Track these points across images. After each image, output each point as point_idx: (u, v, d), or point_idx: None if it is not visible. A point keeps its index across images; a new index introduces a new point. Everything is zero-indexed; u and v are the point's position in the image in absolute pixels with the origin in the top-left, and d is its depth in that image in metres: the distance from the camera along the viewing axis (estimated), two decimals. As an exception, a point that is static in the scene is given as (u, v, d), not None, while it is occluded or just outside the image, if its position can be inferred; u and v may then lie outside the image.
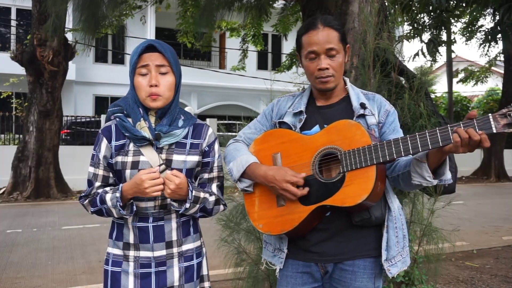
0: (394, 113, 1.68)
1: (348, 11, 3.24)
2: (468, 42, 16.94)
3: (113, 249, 1.64)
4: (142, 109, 1.60)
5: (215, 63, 20.49)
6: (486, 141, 1.29)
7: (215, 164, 1.69)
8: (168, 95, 1.59)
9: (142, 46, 1.59)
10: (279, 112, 1.75)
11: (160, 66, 1.57)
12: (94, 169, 1.64)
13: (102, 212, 1.61)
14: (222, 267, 3.33)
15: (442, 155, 1.40)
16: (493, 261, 5.09)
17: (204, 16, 5.64)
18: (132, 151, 1.59)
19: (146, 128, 1.57)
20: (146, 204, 1.59)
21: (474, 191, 12.50)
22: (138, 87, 1.58)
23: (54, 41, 9.81)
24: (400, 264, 1.60)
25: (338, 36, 1.61)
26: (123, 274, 1.60)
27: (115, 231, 1.66)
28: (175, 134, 1.60)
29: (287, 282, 1.66)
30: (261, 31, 9.89)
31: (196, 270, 1.66)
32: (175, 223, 1.62)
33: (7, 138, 13.18)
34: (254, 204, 1.66)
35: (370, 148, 1.44)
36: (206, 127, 1.69)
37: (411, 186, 1.50)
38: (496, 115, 1.30)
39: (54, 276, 4.45)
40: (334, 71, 1.61)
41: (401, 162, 1.53)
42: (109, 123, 1.66)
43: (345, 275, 1.59)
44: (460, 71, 20.62)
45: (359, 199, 1.43)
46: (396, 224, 1.60)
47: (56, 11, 5.50)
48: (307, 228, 1.57)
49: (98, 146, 1.63)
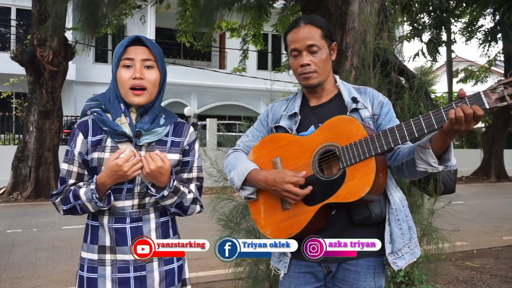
0: (388, 104, 1.68)
1: (348, 11, 3.24)
2: (468, 42, 16.96)
3: (87, 254, 1.55)
4: (123, 105, 1.54)
5: (215, 63, 20.49)
6: (478, 109, 1.28)
7: (195, 164, 1.63)
8: (152, 90, 1.52)
9: (128, 39, 1.53)
10: (274, 116, 1.75)
11: (145, 60, 1.51)
12: (68, 166, 1.55)
13: (75, 210, 1.51)
14: (222, 267, 3.33)
15: (445, 138, 1.38)
16: (493, 261, 5.08)
17: (203, 16, 5.64)
18: (110, 147, 1.52)
19: (127, 124, 1.51)
20: (123, 203, 1.52)
21: (474, 191, 12.50)
22: (120, 79, 1.51)
23: (54, 41, 9.81)
24: (408, 256, 1.59)
25: (321, 33, 1.62)
26: (100, 280, 1.51)
27: (89, 234, 1.56)
28: (157, 132, 1.54)
29: (290, 282, 1.66)
30: (261, 31, 9.89)
31: (177, 274, 1.60)
32: (154, 223, 1.56)
33: (7, 138, 13.18)
34: (259, 211, 1.66)
35: (367, 140, 1.44)
36: (187, 126, 1.64)
37: (416, 173, 1.49)
38: (487, 91, 1.30)
39: (54, 276, 4.45)
40: (317, 67, 1.62)
41: (404, 150, 1.52)
42: (86, 118, 1.58)
43: (348, 274, 1.58)
44: (460, 71, 20.62)
45: (362, 193, 1.42)
46: (398, 216, 1.59)
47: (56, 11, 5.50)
48: (315, 229, 1.56)
49: (73, 142, 1.55)
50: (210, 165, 3.27)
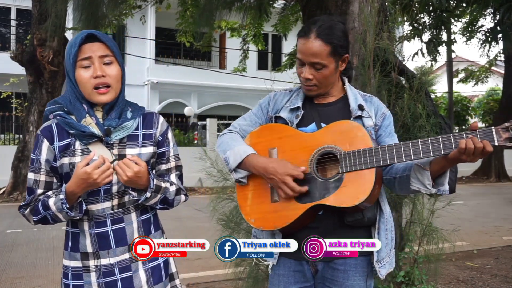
0: (390, 117, 1.69)
1: (348, 11, 3.24)
2: (468, 42, 16.94)
3: (70, 262, 1.51)
4: (86, 105, 1.46)
5: (215, 63, 20.48)
6: (488, 145, 1.30)
7: (171, 153, 1.58)
8: (116, 86, 1.47)
9: (81, 36, 1.43)
10: (275, 106, 1.73)
11: (103, 56, 1.44)
12: (34, 175, 1.47)
13: (47, 220, 1.46)
14: (222, 267, 3.33)
15: (445, 163, 1.41)
16: (493, 261, 5.08)
17: (203, 16, 5.63)
18: (80, 150, 1.46)
19: (94, 124, 1.44)
20: (102, 205, 1.47)
21: (474, 191, 12.49)
22: (81, 81, 1.43)
23: (54, 41, 9.81)
24: (388, 265, 1.61)
25: (329, 51, 1.55)
26: (86, 286, 1.48)
27: (69, 242, 1.52)
28: (126, 126, 1.48)
29: (279, 281, 1.65)
30: (262, 31, 9.89)
31: (163, 269, 1.57)
32: (136, 223, 1.52)
33: (7, 138, 13.17)
34: (246, 198, 1.64)
35: (370, 151, 1.44)
36: (157, 116, 1.58)
37: (408, 190, 1.50)
38: (498, 129, 1.32)
39: (54, 276, 4.45)
40: (318, 82, 1.60)
41: (399, 165, 1.53)
42: (49, 122, 1.50)
43: (337, 274, 1.58)
44: (460, 71, 20.62)
45: (357, 201, 1.43)
46: (387, 226, 1.60)
47: (56, 10, 5.50)
48: (299, 226, 1.56)
49: (39, 149, 1.46)
50: (210, 165, 3.26)
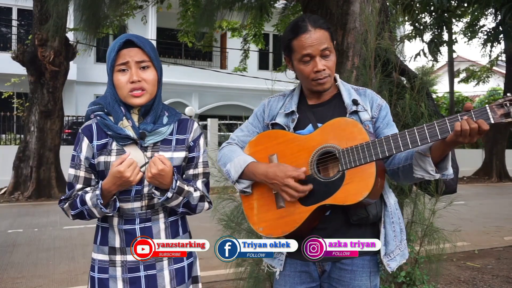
0: (386, 107, 1.68)
1: (349, 11, 3.23)
2: (470, 42, 16.94)
3: (98, 255, 1.58)
4: (124, 108, 1.52)
5: (216, 63, 20.49)
6: (483, 124, 1.29)
7: (200, 159, 1.62)
8: (151, 90, 1.51)
9: (119, 41, 1.49)
10: (270, 113, 1.74)
11: (140, 62, 1.49)
12: (75, 171, 1.55)
13: (83, 215, 1.53)
14: (223, 267, 3.33)
15: (445, 147, 1.39)
16: (494, 262, 5.07)
17: (204, 16, 5.64)
18: (116, 150, 1.52)
19: (130, 127, 1.50)
20: (133, 205, 1.53)
21: (476, 191, 12.48)
22: (118, 85, 1.50)
23: (55, 41, 9.83)
24: (398, 258, 1.60)
25: (329, 36, 1.60)
26: (111, 280, 1.53)
27: (99, 236, 1.59)
28: (161, 132, 1.54)
29: (285, 282, 1.66)
30: (262, 31, 9.89)
31: (187, 271, 1.61)
32: (163, 223, 1.57)
33: (8, 138, 13.19)
34: (252, 207, 1.65)
35: (368, 145, 1.43)
36: (191, 122, 1.63)
37: (412, 179, 1.49)
38: (493, 106, 1.30)
39: (55, 276, 4.46)
40: (330, 71, 1.61)
41: (401, 155, 1.53)
42: (89, 122, 1.58)
43: (344, 274, 1.58)
44: (461, 71, 20.60)
45: (361, 197, 1.42)
46: (392, 219, 1.60)
47: (57, 11, 5.51)
48: (307, 229, 1.56)
49: (79, 146, 1.55)
50: (212, 165, 3.25)
